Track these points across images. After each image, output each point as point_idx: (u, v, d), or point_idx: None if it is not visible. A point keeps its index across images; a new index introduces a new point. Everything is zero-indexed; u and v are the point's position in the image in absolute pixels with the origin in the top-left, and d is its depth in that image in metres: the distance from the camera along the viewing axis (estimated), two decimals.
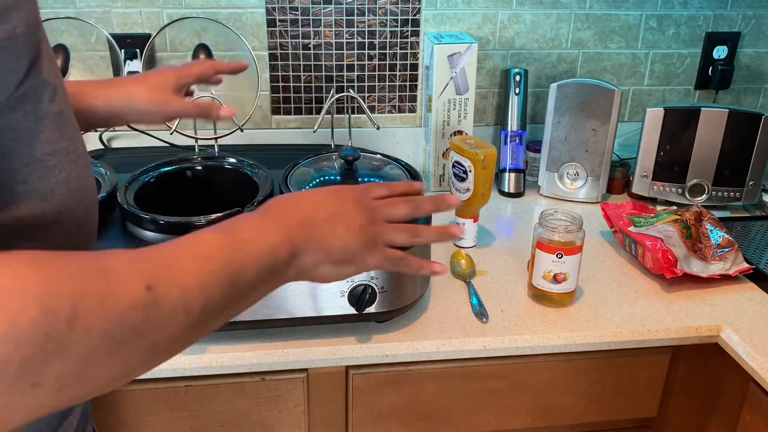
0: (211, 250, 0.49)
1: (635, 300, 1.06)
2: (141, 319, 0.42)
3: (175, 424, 0.97)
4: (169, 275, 0.45)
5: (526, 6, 1.43)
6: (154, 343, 0.44)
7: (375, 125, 1.30)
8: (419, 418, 1.02)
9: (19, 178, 0.45)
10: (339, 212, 0.60)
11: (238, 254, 0.51)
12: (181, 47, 1.35)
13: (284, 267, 0.55)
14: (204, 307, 0.47)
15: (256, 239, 0.53)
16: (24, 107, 0.45)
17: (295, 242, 0.56)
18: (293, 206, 0.59)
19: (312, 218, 0.59)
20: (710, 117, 1.32)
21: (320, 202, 0.60)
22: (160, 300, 0.43)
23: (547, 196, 1.44)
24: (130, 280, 0.42)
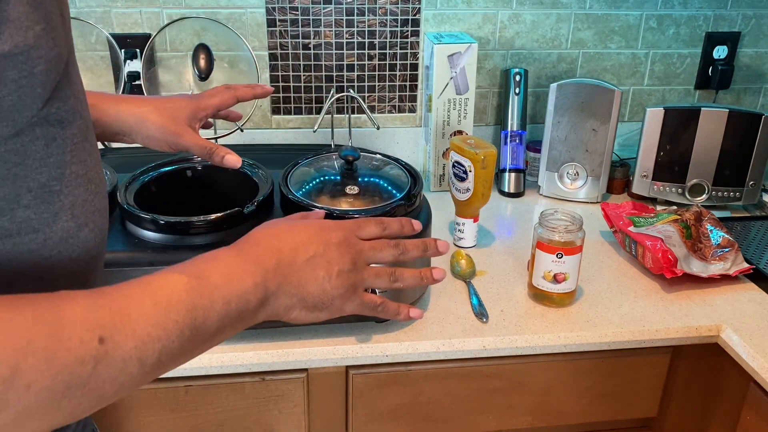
0: (175, 295, 0.47)
1: (635, 300, 1.06)
2: (89, 373, 0.40)
3: (175, 424, 0.97)
4: (125, 325, 0.42)
5: (526, 6, 1.43)
6: (100, 394, 0.42)
7: (375, 125, 1.30)
8: (419, 418, 1.02)
9: (22, 202, 0.45)
10: (321, 254, 0.58)
11: (204, 300, 0.48)
12: (181, 47, 1.35)
13: (253, 312, 0.53)
14: (159, 356, 0.45)
15: (226, 284, 0.51)
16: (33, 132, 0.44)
17: (268, 286, 0.54)
18: (274, 244, 0.56)
19: (291, 260, 0.56)
20: (710, 117, 1.32)
21: (303, 242, 0.58)
22: (112, 353, 0.41)
23: (547, 196, 1.44)
24: (82, 332, 0.40)
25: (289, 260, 0.56)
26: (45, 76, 0.43)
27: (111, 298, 0.44)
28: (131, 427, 0.96)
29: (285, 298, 0.56)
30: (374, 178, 1.02)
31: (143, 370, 0.44)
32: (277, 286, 0.55)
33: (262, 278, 0.53)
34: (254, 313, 0.53)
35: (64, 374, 0.39)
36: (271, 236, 0.57)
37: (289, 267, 0.56)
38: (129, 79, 1.33)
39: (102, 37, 1.32)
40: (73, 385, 0.40)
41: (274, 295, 0.54)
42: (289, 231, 0.58)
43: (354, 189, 0.97)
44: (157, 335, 0.44)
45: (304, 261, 0.57)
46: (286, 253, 0.56)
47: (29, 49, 0.41)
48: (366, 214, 0.92)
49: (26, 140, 0.44)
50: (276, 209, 0.97)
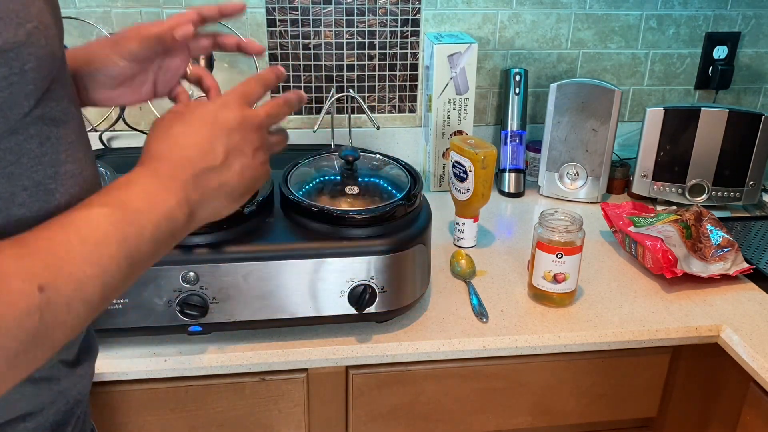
0: (103, 231, 0.45)
1: (635, 300, 1.06)
2: (36, 323, 0.40)
3: (175, 424, 0.97)
4: (60, 268, 0.42)
5: (526, 6, 1.43)
6: (51, 342, 0.42)
7: (375, 125, 1.30)
8: (419, 418, 1.02)
9: (18, 201, 0.45)
10: (230, 148, 0.56)
11: (133, 227, 0.47)
12: None
13: (183, 226, 0.52)
14: (102, 292, 0.44)
15: (151, 207, 0.49)
16: (28, 131, 0.44)
17: (191, 198, 0.52)
18: (182, 154, 0.53)
19: (205, 165, 0.54)
20: (710, 117, 1.32)
21: (208, 143, 0.55)
22: (54, 299, 0.41)
23: (547, 196, 1.44)
24: (21, 284, 0.39)
25: (202, 166, 0.54)
26: (36, 74, 0.43)
27: (37, 245, 0.42)
28: (131, 427, 0.96)
29: (212, 202, 0.55)
30: (374, 178, 1.02)
31: (89, 308, 0.44)
32: (201, 195, 0.53)
33: (184, 193, 0.52)
34: (185, 227, 0.53)
35: (13, 329, 0.38)
36: (174, 146, 0.54)
37: (205, 174, 0.54)
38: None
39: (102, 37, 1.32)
40: (24, 339, 0.39)
41: (199, 205, 0.54)
42: (188, 134, 0.55)
43: (354, 189, 0.97)
44: (94, 273, 0.43)
45: (219, 164, 0.55)
46: (197, 161, 0.54)
47: (20, 46, 0.41)
48: (366, 214, 0.92)
49: (21, 139, 0.44)
50: (276, 209, 0.97)
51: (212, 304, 0.89)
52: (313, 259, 0.89)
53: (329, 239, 0.90)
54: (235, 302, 0.89)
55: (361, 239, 0.91)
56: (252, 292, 0.89)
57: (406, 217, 0.95)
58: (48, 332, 0.41)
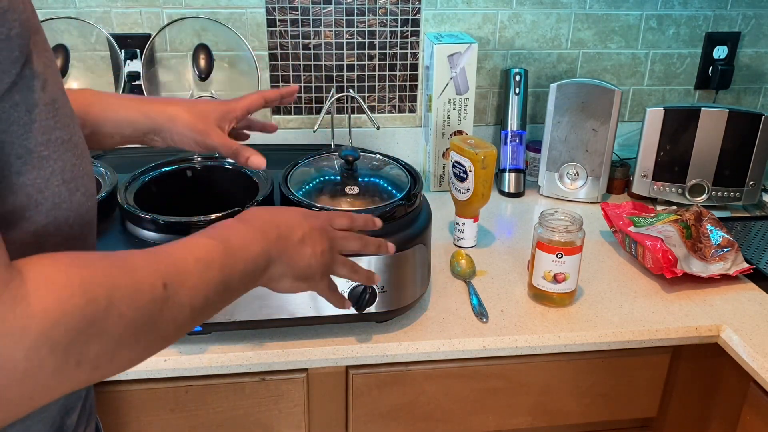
0: (210, 256, 0.55)
1: (635, 300, 1.06)
2: (158, 311, 0.48)
3: (175, 424, 0.97)
4: (179, 275, 0.50)
5: (526, 6, 1.43)
6: (164, 332, 0.49)
7: (375, 125, 1.30)
8: (419, 418, 1.02)
9: (14, 169, 0.46)
10: (308, 235, 0.67)
11: (231, 260, 0.57)
12: (181, 47, 1.35)
13: (260, 273, 0.62)
14: (203, 305, 0.53)
15: (244, 248, 0.59)
16: (13, 98, 0.45)
17: (271, 254, 0.63)
18: (273, 221, 0.65)
19: (288, 235, 0.65)
20: (710, 117, 1.32)
21: (295, 223, 0.67)
22: (173, 296, 0.49)
23: (547, 196, 1.44)
24: (151, 277, 0.48)
25: (286, 234, 0.65)
26: (21, 39, 0.43)
27: (162, 255, 0.51)
28: (131, 427, 0.96)
29: (280, 267, 0.64)
30: (374, 178, 1.02)
31: (192, 316, 0.52)
32: (278, 255, 0.64)
33: (267, 246, 0.62)
34: (261, 275, 0.62)
35: (143, 309, 0.46)
36: (268, 214, 0.66)
37: (285, 240, 0.65)
38: (129, 79, 1.33)
39: (102, 37, 1.32)
40: (149, 321, 0.47)
41: (274, 263, 0.63)
42: (282, 213, 0.68)
43: (354, 189, 0.97)
44: (201, 287, 0.52)
45: (297, 239, 0.66)
46: (283, 228, 0.65)
47: (4, 11, 0.41)
48: (366, 214, 0.92)
49: (7, 106, 0.44)
50: None
51: None
52: None
53: None
54: (235, 302, 0.89)
55: None
56: (252, 292, 0.88)
57: (406, 217, 0.95)
58: (164, 323, 0.49)
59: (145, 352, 0.49)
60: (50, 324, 0.40)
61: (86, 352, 0.43)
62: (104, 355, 0.44)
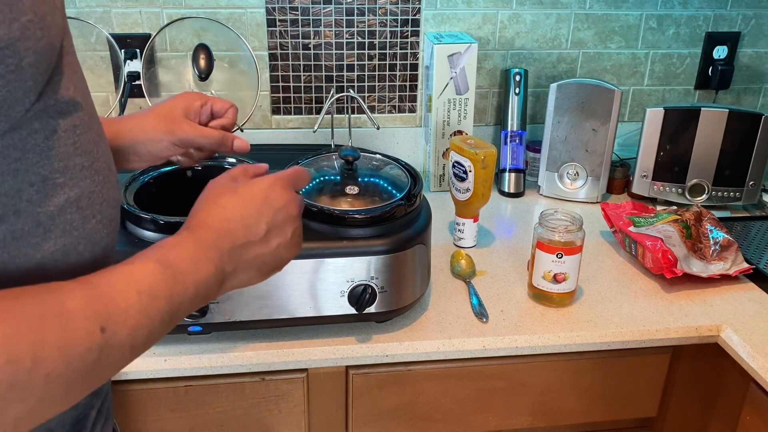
0: (156, 287, 0.50)
1: (635, 300, 1.06)
2: (95, 360, 0.44)
3: (175, 424, 0.97)
4: (119, 315, 0.46)
5: (526, 6, 1.43)
6: (103, 378, 0.46)
7: (375, 125, 1.30)
8: (419, 418, 1.02)
9: (24, 197, 0.44)
10: (273, 226, 0.60)
11: (179, 287, 0.51)
12: (181, 47, 1.35)
13: (215, 292, 0.57)
14: (146, 340, 0.49)
15: (194, 271, 0.54)
16: (32, 125, 0.43)
17: (225, 269, 0.57)
18: (227, 227, 0.58)
19: (245, 240, 0.58)
20: (710, 117, 1.32)
21: (254, 219, 0.59)
22: (111, 340, 0.45)
23: (547, 196, 1.44)
24: (86, 323, 0.43)
25: (242, 241, 0.58)
26: (35, 69, 0.42)
27: (101, 289, 0.46)
28: (131, 427, 0.96)
29: (242, 274, 0.59)
30: (374, 178, 1.02)
31: (133, 353, 0.48)
32: (234, 268, 0.58)
33: (220, 262, 0.56)
34: (215, 293, 0.57)
35: (75, 362, 0.42)
36: (220, 216, 0.59)
37: (242, 248, 0.58)
38: (129, 79, 1.33)
39: (102, 37, 1.32)
40: (83, 372, 0.43)
41: (230, 276, 0.58)
42: (236, 207, 0.59)
43: (354, 189, 0.97)
44: (144, 323, 0.48)
45: (259, 239, 0.59)
46: (238, 234, 0.58)
47: (15, 41, 0.40)
48: (366, 214, 0.92)
49: (24, 134, 0.43)
50: None
51: (212, 304, 0.89)
52: (313, 259, 0.89)
53: (329, 239, 0.90)
54: (235, 302, 0.89)
55: (361, 239, 0.91)
56: (252, 292, 0.89)
57: (406, 217, 0.95)
58: (101, 369, 0.45)
59: (76, 399, 0.45)
60: None
61: (3, 417, 0.39)
62: (26, 416, 0.40)
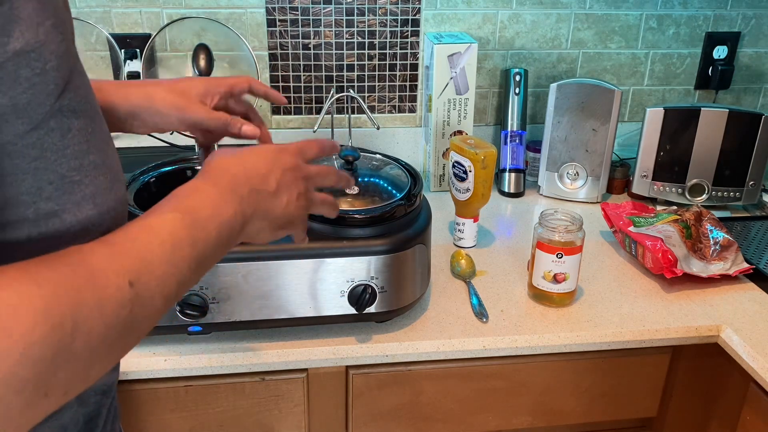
0: (177, 234, 0.50)
1: (635, 300, 1.06)
2: (128, 314, 0.44)
3: (175, 424, 0.97)
4: (145, 267, 0.46)
5: (526, 6, 1.43)
6: (138, 331, 0.47)
7: (375, 125, 1.30)
8: (419, 418, 1.02)
9: (44, 195, 0.45)
10: (282, 183, 0.63)
11: (202, 233, 0.52)
12: (181, 47, 1.35)
13: (237, 235, 0.58)
14: (177, 288, 0.50)
15: (215, 215, 0.55)
16: (48, 125, 0.44)
17: (246, 212, 0.59)
18: (242, 173, 0.60)
19: (260, 187, 0.61)
20: (710, 117, 1.32)
21: (267, 170, 0.62)
22: (142, 293, 0.46)
23: (547, 196, 1.44)
24: (116, 279, 0.44)
25: (258, 188, 0.61)
26: (57, 72, 0.43)
27: (123, 245, 0.47)
28: (131, 427, 0.96)
29: (257, 222, 0.61)
30: (374, 178, 1.02)
31: (166, 303, 0.49)
32: (253, 212, 0.60)
33: (240, 206, 0.58)
34: (237, 236, 0.58)
35: (111, 318, 0.43)
36: (237, 164, 0.61)
37: (258, 194, 0.60)
38: (129, 79, 1.33)
39: (102, 37, 1.32)
40: (120, 328, 0.44)
41: (250, 220, 0.60)
42: (250, 160, 0.62)
43: (354, 189, 0.97)
44: (172, 272, 0.49)
45: (271, 191, 0.62)
46: (255, 181, 0.61)
47: (41, 46, 0.41)
48: (366, 214, 0.92)
49: (42, 133, 0.44)
50: None
51: (212, 304, 0.89)
52: (312, 259, 0.89)
53: (329, 239, 0.90)
54: (235, 302, 0.89)
55: (361, 239, 0.91)
56: (252, 292, 0.89)
57: (406, 217, 0.95)
58: (136, 323, 0.46)
59: (119, 356, 0.46)
60: (13, 363, 0.36)
61: (55, 382, 0.39)
62: (75, 378, 0.41)
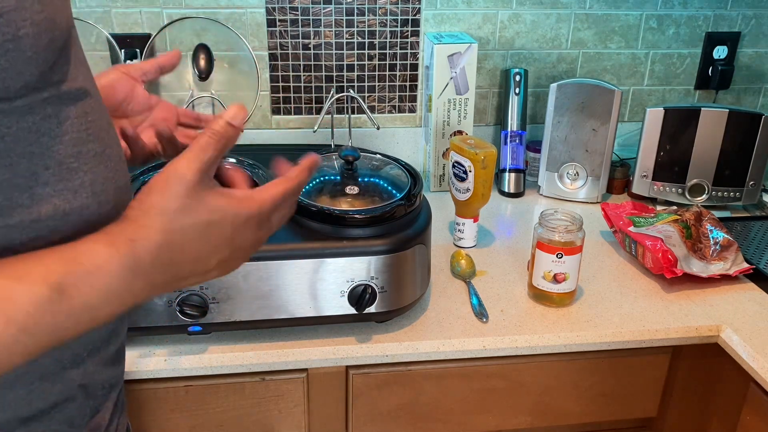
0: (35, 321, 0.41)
1: (635, 300, 1.06)
2: None
3: (175, 424, 0.97)
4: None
5: (526, 6, 1.43)
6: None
7: (375, 125, 1.30)
8: (419, 418, 1.02)
9: (40, 180, 0.45)
10: (221, 262, 0.52)
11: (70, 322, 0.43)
12: (181, 47, 1.35)
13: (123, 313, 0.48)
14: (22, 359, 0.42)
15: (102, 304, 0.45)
16: (45, 110, 0.45)
17: (140, 299, 0.48)
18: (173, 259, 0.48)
19: (188, 275, 0.50)
20: (710, 117, 1.32)
21: (208, 253, 0.50)
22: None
23: (547, 196, 1.44)
24: None
25: (183, 275, 0.50)
26: (34, 40, 0.43)
27: None
28: (131, 427, 0.96)
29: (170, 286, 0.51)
30: (374, 178, 1.02)
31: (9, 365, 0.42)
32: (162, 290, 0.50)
33: (146, 294, 0.48)
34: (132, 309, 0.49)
35: None
36: (173, 250, 0.48)
37: (177, 282, 0.50)
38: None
39: (102, 37, 1.32)
40: None
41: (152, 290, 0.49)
42: (198, 241, 0.49)
43: (354, 189, 0.97)
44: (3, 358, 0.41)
45: (203, 271, 0.51)
46: (184, 267, 0.49)
47: (10, 11, 0.41)
48: (366, 214, 0.92)
49: (38, 118, 0.44)
50: None
51: (212, 304, 0.89)
52: (313, 259, 0.89)
53: (329, 239, 0.90)
54: (235, 302, 0.89)
55: (361, 239, 0.91)
56: (252, 292, 0.89)
57: (406, 217, 0.95)
58: None
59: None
60: None
61: None
62: None
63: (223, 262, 0.52)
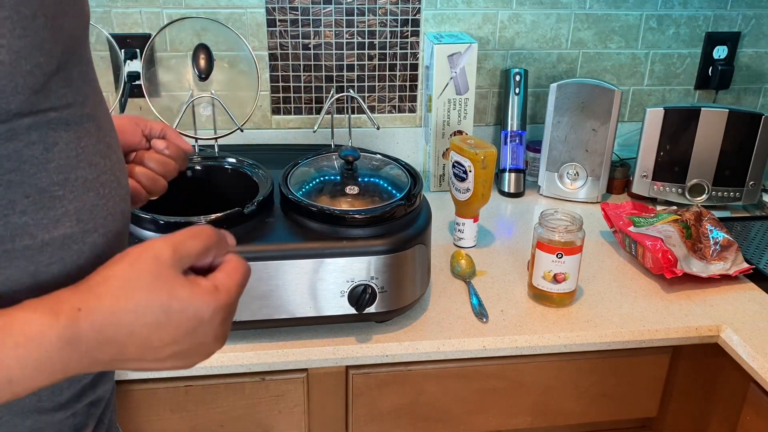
0: None
1: (635, 300, 1.06)
2: None
3: (175, 424, 0.97)
4: None
5: (526, 6, 1.43)
6: None
7: (375, 125, 1.30)
8: (419, 418, 1.02)
9: (17, 208, 0.43)
10: (178, 353, 0.47)
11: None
12: (181, 47, 1.35)
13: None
14: None
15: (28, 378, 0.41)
16: (29, 136, 0.42)
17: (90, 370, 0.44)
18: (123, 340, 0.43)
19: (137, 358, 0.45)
20: (710, 117, 1.32)
21: (160, 345, 0.45)
22: None
23: (547, 196, 1.44)
24: None
25: (128, 357, 0.45)
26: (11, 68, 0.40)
27: None
28: (131, 428, 0.96)
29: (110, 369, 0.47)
30: (374, 178, 1.02)
31: None
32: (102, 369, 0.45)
33: (83, 368, 0.43)
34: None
35: None
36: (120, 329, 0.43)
37: (123, 363, 0.45)
38: (129, 80, 1.33)
39: (102, 37, 1.32)
40: None
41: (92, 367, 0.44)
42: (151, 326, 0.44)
43: (354, 189, 0.97)
44: None
45: (151, 359, 0.46)
46: (128, 350, 0.44)
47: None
48: (366, 214, 0.92)
49: (20, 145, 0.42)
50: (276, 209, 0.97)
51: None
52: (313, 259, 0.89)
53: (329, 239, 0.90)
54: None
55: (361, 239, 0.91)
56: (252, 292, 0.89)
57: (406, 217, 0.95)
58: None
59: None
60: None
61: None
62: None
63: (181, 354, 0.47)
